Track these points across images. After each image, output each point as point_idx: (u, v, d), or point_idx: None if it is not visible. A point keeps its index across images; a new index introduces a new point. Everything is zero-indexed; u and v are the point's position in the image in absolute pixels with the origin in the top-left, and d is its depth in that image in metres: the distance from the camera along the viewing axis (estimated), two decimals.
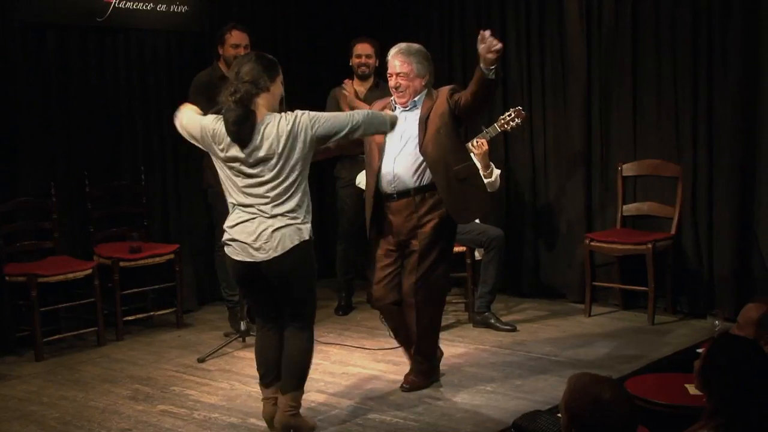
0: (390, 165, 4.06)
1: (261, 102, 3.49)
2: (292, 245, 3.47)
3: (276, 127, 3.45)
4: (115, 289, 5.16)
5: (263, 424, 3.77)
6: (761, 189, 5.00)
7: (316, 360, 4.65)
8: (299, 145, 3.47)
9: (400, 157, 4.04)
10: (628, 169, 5.41)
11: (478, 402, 3.97)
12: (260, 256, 3.48)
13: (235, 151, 3.48)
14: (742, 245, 5.05)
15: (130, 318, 5.33)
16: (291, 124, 3.47)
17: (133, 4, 5.50)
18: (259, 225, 3.48)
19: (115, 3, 5.41)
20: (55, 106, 5.29)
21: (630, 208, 5.44)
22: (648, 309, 5.13)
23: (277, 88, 3.58)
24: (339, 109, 5.44)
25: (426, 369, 4.23)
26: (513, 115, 5.00)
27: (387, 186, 4.08)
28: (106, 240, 5.45)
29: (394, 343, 4.85)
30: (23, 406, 4.15)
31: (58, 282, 4.94)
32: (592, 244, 5.27)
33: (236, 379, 4.42)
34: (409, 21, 6.35)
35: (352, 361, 4.65)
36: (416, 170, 4.02)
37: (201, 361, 4.72)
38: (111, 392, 4.30)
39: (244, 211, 3.53)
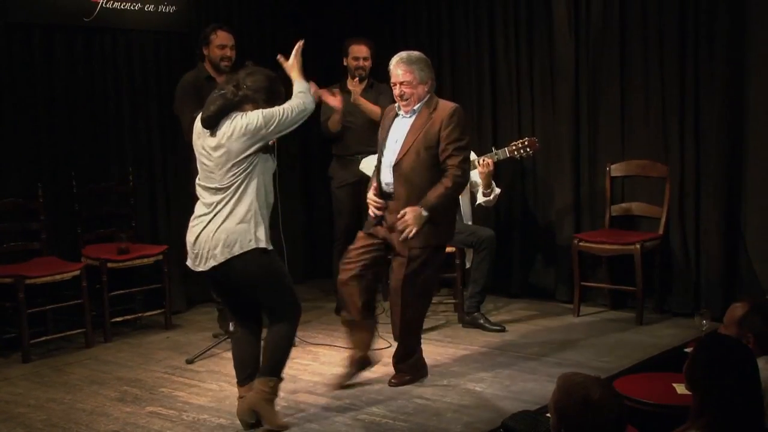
0: (387, 168, 4.19)
1: (247, 108, 3.57)
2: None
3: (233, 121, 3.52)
4: (103, 290, 5.14)
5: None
6: (748, 189, 5.03)
7: (306, 361, 4.66)
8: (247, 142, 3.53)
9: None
10: (616, 169, 5.43)
11: (467, 402, 3.97)
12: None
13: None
14: (730, 245, 5.07)
15: (118, 319, 5.31)
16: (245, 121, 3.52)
17: (120, 5, 5.49)
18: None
19: (102, 3, 5.39)
20: (41, 107, 5.27)
21: (618, 209, 5.46)
22: (636, 309, 5.15)
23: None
24: (333, 109, 5.43)
25: (412, 364, 4.28)
26: (526, 143, 5.02)
27: (385, 187, 4.22)
28: (94, 241, 5.43)
29: (384, 344, 4.87)
30: (10, 409, 4.12)
31: (46, 283, 4.92)
32: (581, 244, 5.28)
33: (225, 380, 4.41)
34: (397, 22, 6.35)
35: (341, 362, 4.64)
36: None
37: (190, 362, 4.71)
38: (99, 394, 4.28)
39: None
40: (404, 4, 6.33)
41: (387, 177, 4.21)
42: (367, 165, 5.11)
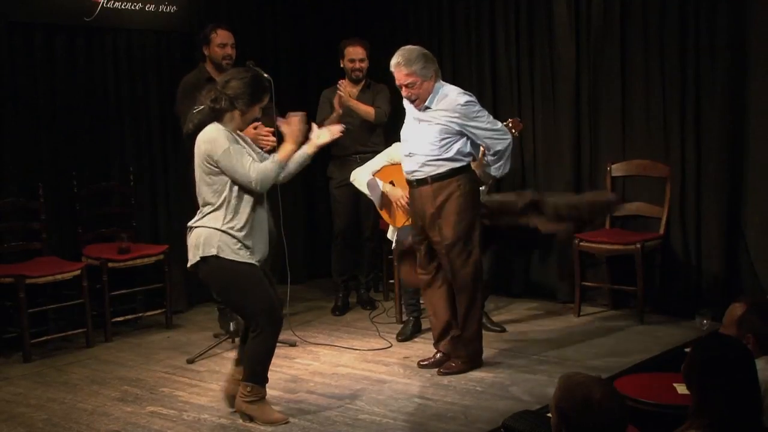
0: (408, 157, 4.30)
1: (229, 118, 3.67)
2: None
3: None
4: (104, 290, 5.14)
5: (253, 425, 3.77)
6: (749, 189, 5.02)
7: (306, 361, 4.66)
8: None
9: (416, 149, 4.24)
10: (616, 169, 5.43)
11: (467, 402, 3.97)
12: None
13: None
14: (730, 245, 5.07)
15: (118, 319, 5.32)
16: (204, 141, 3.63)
17: (121, 4, 5.48)
18: None
19: (103, 3, 5.39)
20: (42, 107, 5.26)
21: (619, 209, 5.45)
22: (637, 309, 5.15)
23: (252, 113, 3.73)
24: (331, 110, 5.43)
25: (467, 355, 4.35)
26: (510, 124, 5.00)
27: (408, 175, 4.32)
28: (95, 241, 5.43)
29: (384, 343, 4.88)
30: (11, 408, 4.12)
31: (47, 283, 4.92)
32: (582, 244, 5.28)
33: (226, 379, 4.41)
34: (397, 22, 6.35)
35: (342, 362, 4.65)
36: (430, 161, 4.19)
37: (190, 362, 4.71)
38: (99, 394, 4.28)
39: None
40: (405, 3, 6.33)
41: (408, 163, 4.29)
42: (359, 180, 5.09)
